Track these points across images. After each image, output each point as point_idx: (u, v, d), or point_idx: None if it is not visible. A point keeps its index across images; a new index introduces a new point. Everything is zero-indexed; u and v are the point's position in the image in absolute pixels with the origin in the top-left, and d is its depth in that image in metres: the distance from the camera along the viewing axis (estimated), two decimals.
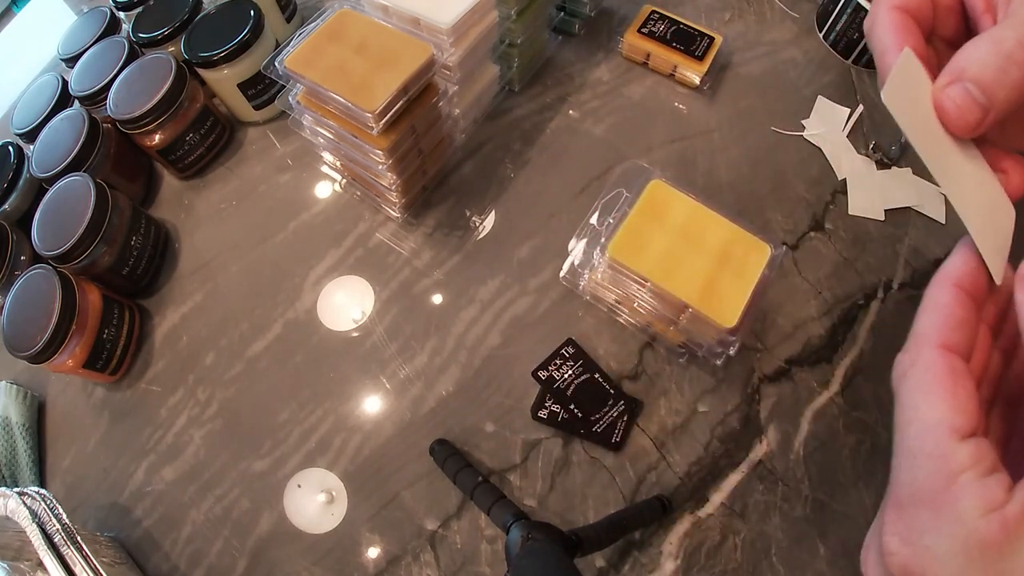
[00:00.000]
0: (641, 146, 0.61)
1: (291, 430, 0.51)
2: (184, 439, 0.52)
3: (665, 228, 0.44)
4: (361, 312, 0.55)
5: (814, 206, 0.57)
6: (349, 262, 0.57)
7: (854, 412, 0.49)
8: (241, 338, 0.55)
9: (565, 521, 0.46)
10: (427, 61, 0.46)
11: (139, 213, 0.57)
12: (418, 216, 0.59)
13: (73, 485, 0.52)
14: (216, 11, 0.61)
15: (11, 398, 0.54)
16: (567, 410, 0.48)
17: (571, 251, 0.50)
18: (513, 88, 0.64)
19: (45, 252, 0.52)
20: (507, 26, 0.55)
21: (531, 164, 0.61)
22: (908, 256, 0.55)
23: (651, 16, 0.65)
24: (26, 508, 0.41)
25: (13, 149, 0.59)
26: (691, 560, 0.45)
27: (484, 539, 0.46)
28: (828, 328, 0.52)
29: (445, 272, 0.56)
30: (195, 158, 0.62)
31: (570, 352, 0.50)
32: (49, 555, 0.39)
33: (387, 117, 0.45)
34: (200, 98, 0.60)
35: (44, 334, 0.48)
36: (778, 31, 0.68)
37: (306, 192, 0.62)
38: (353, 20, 0.49)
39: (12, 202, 0.57)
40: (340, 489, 0.49)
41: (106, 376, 0.54)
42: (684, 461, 0.47)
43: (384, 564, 0.46)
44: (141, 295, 0.59)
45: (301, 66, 0.46)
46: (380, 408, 0.51)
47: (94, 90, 0.59)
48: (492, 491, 0.44)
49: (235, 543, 0.48)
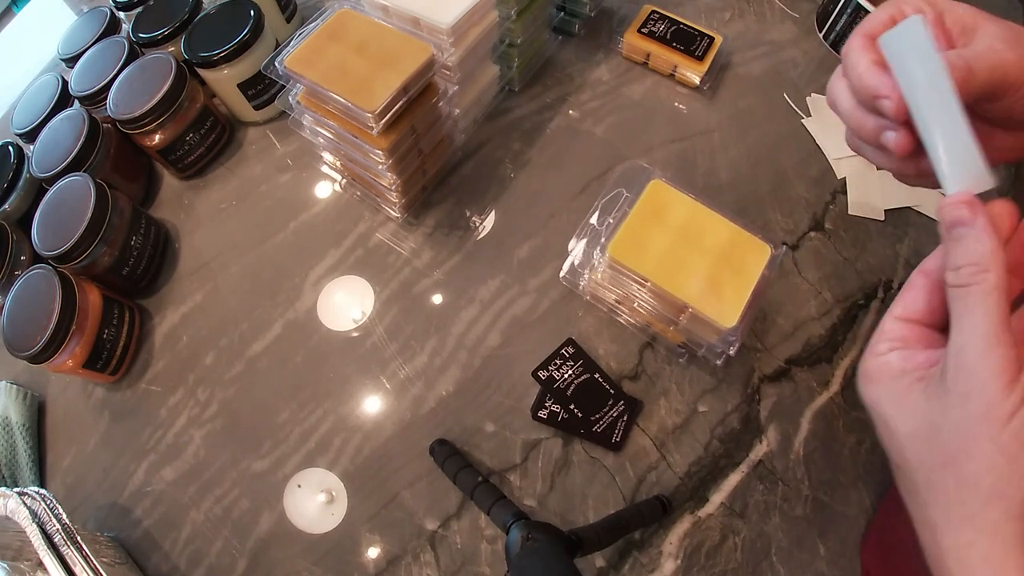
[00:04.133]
0: (641, 146, 0.61)
1: (291, 430, 0.51)
2: (184, 439, 0.52)
3: (665, 228, 0.44)
4: (361, 312, 0.55)
5: (814, 206, 0.57)
6: (349, 262, 0.57)
7: (854, 412, 0.49)
8: (241, 338, 0.55)
9: (565, 521, 0.46)
10: (427, 61, 0.46)
11: (139, 213, 0.57)
12: (418, 216, 0.59)
13: (73, 485, 0.52)
14: (216, 11, 0.61)
15: (11, 398, 0.54)
16: (567, 410, 0.48)
17: (571, 251, 0.50)
18: (513, 88, 0.64)
19: (45, 252, 0.52)
20: (507, 26, 0.55)
21: (531, 164, 0.61)
22: (908, 256, 0.55)
23: (651, 16, 0.65)
24: (26, 508, 0.41)
25: (13, 149, 0.59)
26: (691, 560, 0.45)
27: (484, 539, 0.46)
28: (828, 328, 0.52)
29: (445, 272, 0.56)
30: (195, 158, 0.62)
31: (570, 352, 0.50)
32: (49, 555, 0.39)
33: (387, 117, 0.45)
34: (200, 98, 0.60)
35: (44, 334, 0.48)
36: (778, 31, 0.68)
37: (306, 192, 0.62)
38: (353, 20, 0.49)
39: (12, 202, 0.57)
40: (340, 489, 0.49)
41: (106, 376, 0.54)
42: (684, 461, 0.47)
43: (384, 564, 0.46)
44: (141, 295, 0.59)
45: (301, 66, 0.46)
46: (380, 408, 0.51)
47: (94, 90, 0.59)
48: (492, 491, 0.44)
49: (235, 543, 0.48)
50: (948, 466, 0.23)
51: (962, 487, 0.22)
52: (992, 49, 0.28)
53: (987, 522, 0.22)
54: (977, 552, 0.22)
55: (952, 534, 0.23)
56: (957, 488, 0.22)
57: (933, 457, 0.23)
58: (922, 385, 0.24)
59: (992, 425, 0.21)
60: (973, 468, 0.22)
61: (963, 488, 0.22)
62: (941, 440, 0.23)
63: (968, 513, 0.22)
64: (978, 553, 0.22)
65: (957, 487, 0.22)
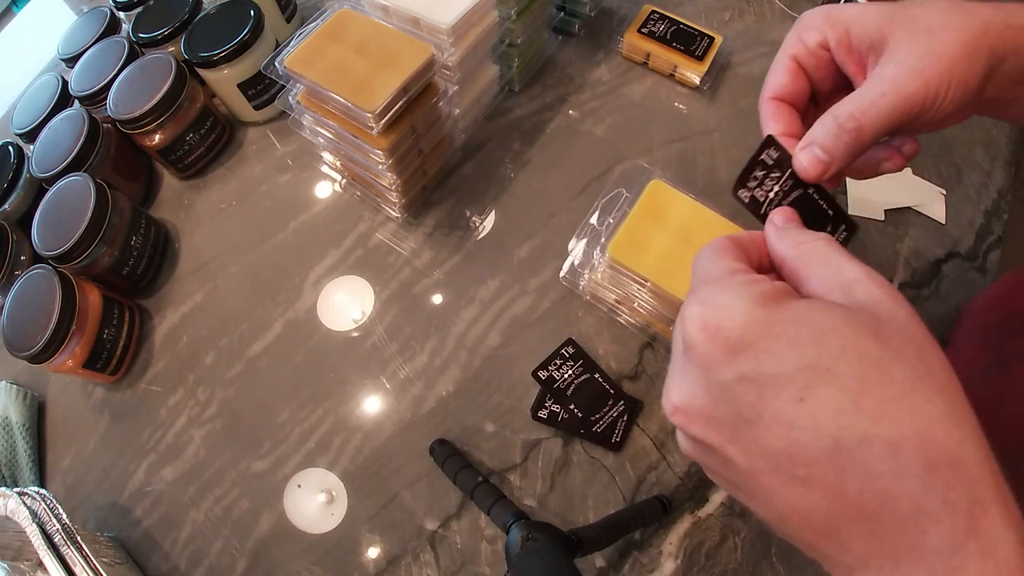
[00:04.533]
0: (641, 146, 0.61)
1: (291, 430, 0.51)
2: (184, 439, 0.52)
3: (665, 228, 0.44)
4: (361, 312, 0.55)
5: None
6: (349, 262, 0.57)
7: None
8: (241, 338, 0.55)
9: (565, 521, 0.46)
10: (427, 61, 0.46)
11: (139, 213, 0.57)
12: (418, 216, 0.59)
13: (73, 485, 0.52)
14: (216, 11, 0.61)
15: (11, 398, 0.54)
16: (567, 410, 0.48)
17: (571, 251, 0.50)
18: (513, 88, 0.64)
19: (45, 252, 0.52)
20: (507, 26, 0.55)
21: (531, 164, 0.61)
22: (908, 256, 0.55)
23: (651, 16, 0.65)
24: (26, 508, 0.41)
25: (13, 149, 0.59)
26: (691, 560, 0.45)
27: (484, 539, 0.46)
28: None
29: (445, 272, 0.56)
30: (195, 158, 0.62)
31: (570, 352, 0.50)
32: (49, 555, 0.39)
33: (387, 117, 0.45)
34: (200, 98, 0.60)
35: (44, 334, 0.48)
36: (778, 31, 0.68)
37: (306, 192, 0.62)
38: (353, 20, 0.49)
39: (12, 202, 0.57)
40: (340, 489, 0.49)
41: (106, 376, 0.54)
42: (684, 461, 0.47)
43: (384, 564, 0.46)
44: (141, 295, 0.59)
45: (301, 66, 0.46)
46: (380, 408, 0.51)
47: (94, 90, 0.59)
48: (492, 491, 0.44)
49: (235, 543, 0.48)
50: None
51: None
52: (893, 86, 0.27)
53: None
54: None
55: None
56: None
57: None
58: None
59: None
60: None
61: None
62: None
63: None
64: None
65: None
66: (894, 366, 0.20)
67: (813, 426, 0.20)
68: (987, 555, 0.19)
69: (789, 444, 0.20)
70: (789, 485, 0.21)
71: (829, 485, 0.20)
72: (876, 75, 0.28)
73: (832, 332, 0.21)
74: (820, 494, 0.20)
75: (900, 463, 0.19)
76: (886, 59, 0.28)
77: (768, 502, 0.22)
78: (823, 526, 0.21)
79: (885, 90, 0.27)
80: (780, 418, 0.20)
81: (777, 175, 0.34)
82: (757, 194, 0.35)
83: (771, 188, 0.34)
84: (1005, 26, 0.27)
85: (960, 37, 0.27)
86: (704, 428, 0.23)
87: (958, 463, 0.19)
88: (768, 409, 0.21)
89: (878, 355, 0.20)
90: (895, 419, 0.19)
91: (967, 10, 0.28)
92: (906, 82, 0.27)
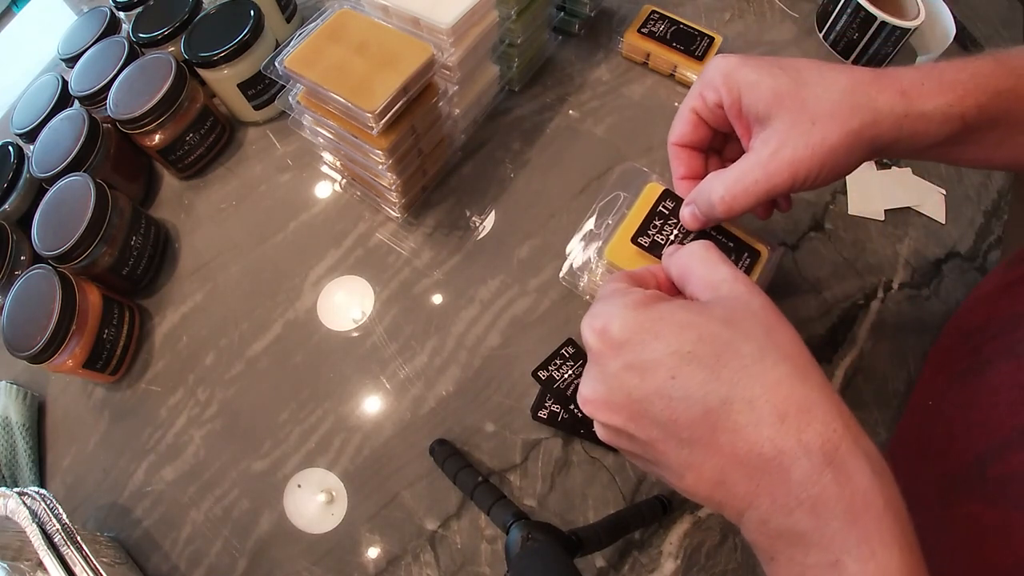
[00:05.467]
0: (641, 146, 0.61)
1: (291, 430, 0.51)
2: (184, 439, 0.52)
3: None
4: (361, 312, 0.55)
5: (814, 206, 0.57)
6: (349, 262, 0.57)
7: (854, 412, 0.48)
8: (241, 338, 0.55)
9: (565, 521, 0.46)
10: (427, 61, 0.46)
11: (139, 213, 0.57)
12: (418, 216, 0.59)
13: (73, 485, 0.52)
14: (216, 11, 0.61)
15: (11, 398, 0.54)
16: (567, 410, 0.48)
17: (569, 253, 0.50)
18: (513, 88, 0.64)
19: (45, 252, 0.52)
20: (507, 26, 0.55)
21: (531, 164, 0.61)
22: (908, 256, 0.55)
23: (651, 16, 0.65)
24: (26, 508, 0.41)
25: (13, 149, 0.59)
26: (691, 560, 0.45)
27: (484, 539, 0.46)
28: (828, 328, 0.52)
29: (445, 272, 0.56)
30: (195, 158, 0.62)
31: (570, 352, 0.50)
32: (49, 555, 0.39)
33: (387, 117, 0.45)
34: (200, 98, 0.60)
35: (44, 334, 0.48)
36: (778, 31, 0.68)
37: (306, 192, 0.62)
38: (353, 20, 0.49)
39: (12, 202, 0.57)
40: (340, 489, 0.49)
41: (106, 376, 0.54)
42: None
43: (384, 564, 0.46)
44: (141, 295, 0.59)
45: (301, 66, 0.46)
46: (380, 408, 0.51)
47: (94, 90, 0.59)
48: (492, 491, 0.44)
49: (235, 543, 0.48)
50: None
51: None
52: (764, 174, 0.31)
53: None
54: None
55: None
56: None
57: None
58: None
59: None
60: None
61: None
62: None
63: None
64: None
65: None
66: (743, 344, 0.25)
67: (685, 396, 0.25)
68: (843, 483, 0.23)
69: (671, 413, 0.25)
70: (679, 447, 0.26)
71: (707, 442, 0.25)
72: (754, 154, 0.32)
73: (689, 325, 0.26)
74: (702, 450, 0.25)
75: (756, 415, 0.24)
76: (766, 137, 0.32)
77: (668, 467, 0.27)
78: (712, 476, 0.25)
79: (758, 178, 0.32)
80: (660, 394, 0.26)
81: (675, 221, 0.41)
82: (658, 239, 0.41)
83: (670, 232, 0.41)
84: (904, 115, 0.30)
85: (844, 128, 0.30)
86: (608, 413, 0.27)
87: (804, 410, 0.24)
88: (650, 388, 0.26)
89: (728, 337, 0.25)
90: (746, 383, 0.24)
91: (864, 99, 0.30)
92: (777, 171, 0.31)
